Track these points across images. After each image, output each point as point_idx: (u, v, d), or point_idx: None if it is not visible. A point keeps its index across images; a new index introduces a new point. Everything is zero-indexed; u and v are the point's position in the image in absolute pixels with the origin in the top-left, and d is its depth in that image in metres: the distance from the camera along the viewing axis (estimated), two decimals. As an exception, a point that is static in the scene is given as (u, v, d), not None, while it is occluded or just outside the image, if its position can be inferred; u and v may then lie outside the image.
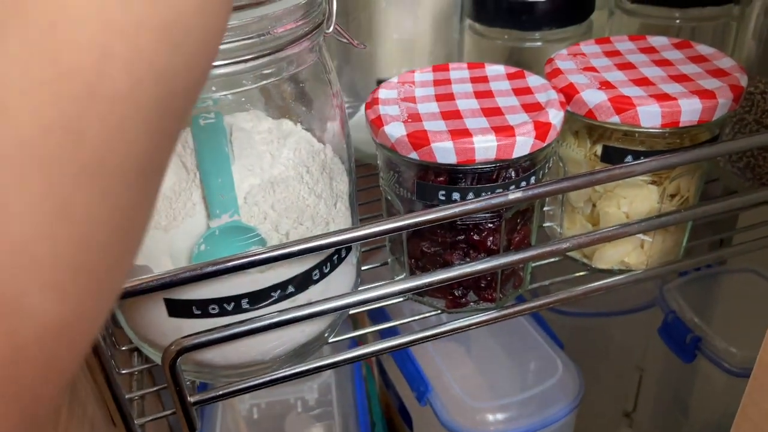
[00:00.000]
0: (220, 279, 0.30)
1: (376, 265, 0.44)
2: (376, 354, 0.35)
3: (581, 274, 0.41)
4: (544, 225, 0.44)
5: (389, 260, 0.42)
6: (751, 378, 0.30)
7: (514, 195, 0.31)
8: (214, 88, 0.29)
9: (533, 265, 0.41)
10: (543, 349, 0.57)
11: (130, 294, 0.27)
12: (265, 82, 0.30)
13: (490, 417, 0.52)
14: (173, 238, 0.33)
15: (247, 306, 0.31)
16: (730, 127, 0.44)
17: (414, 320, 0.40)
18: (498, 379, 0.55)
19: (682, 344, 0.57)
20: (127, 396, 0.34)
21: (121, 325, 0.35)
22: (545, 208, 0.44)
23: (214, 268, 0.28)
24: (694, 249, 0.42)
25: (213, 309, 0.30)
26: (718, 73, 0.36)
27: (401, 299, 0.40)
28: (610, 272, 0.40)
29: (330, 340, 0.37)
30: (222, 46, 0.26)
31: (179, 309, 0.30)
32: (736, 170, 0.45)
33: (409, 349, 0.58)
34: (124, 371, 0.36)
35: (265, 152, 0.36)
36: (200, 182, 0.34)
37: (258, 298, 0.31)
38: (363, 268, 0.42)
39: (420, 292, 0.39)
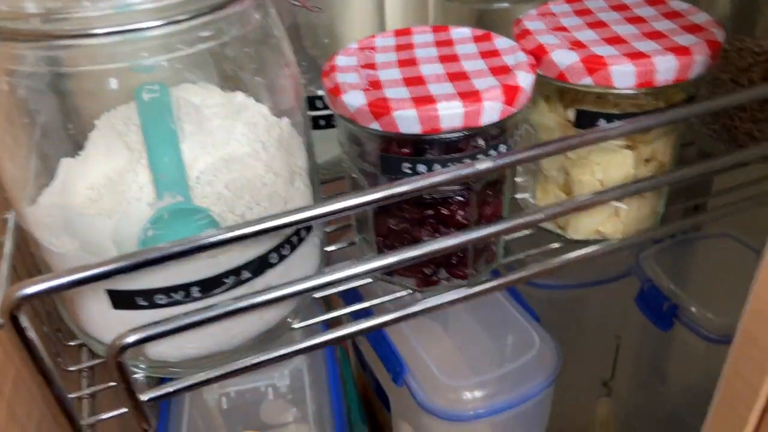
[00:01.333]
0: (167, 266, 0.27)
1: (343, 245, 0.41)
2: (346, 338, 0.33)
3: (556, 245, 0.39)
4: (517, 197, 0.42)
5: (356, 240, 0.40)
6: (732, 348, 0.29)
7: (483, 165, 0.29)
8: (145, 54, 0.26)
9: (506, 238, 0.39)
10: (519, 324, 0.56)
11: (66, 286, 0.25)
12: (203, 46, 0.27)
13: (468, 395, 0.51)
14: (118, 223, 0.30)
15: (199, 294, 0.28)
16: (705, 87, 0.43)
17: (386, 300, 0.38)
18: (474, 356, 0.54)
19: (659, 312, 0.56)
20: (75, 395, 0.32)
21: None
22: (517, 179, 0.42)
23: (160, 254, 0.26)
24: (670, 215, 0.41)
25: (160, 299, 0.28)
26: (694, 28, 0.34)
27: (369, 280, 0.38)
28: (585, 243, 0.38)
29: (295, 326, 0.35)
30: (152, 5, 0.24)
31: (124, 300, 0.28)
32: (712, 133, 0.43)
33: (384, 330, 0.56)
34: (72, 368, 0.33)
35: (217, 128, 0.34)
36: (147, 162, 0.31)
37: (210, 285, 0.28)
38: (330, 248, 0.39)
39: (389, 272, 0.37)
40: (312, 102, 0.42)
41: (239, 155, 0.33)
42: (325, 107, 0.43)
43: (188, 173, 0.31)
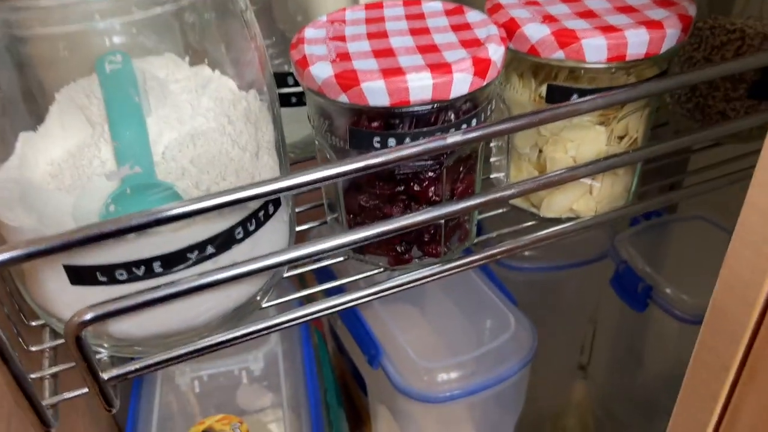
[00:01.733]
0: (127, 240, 0.27)
1: (314, 224, 0.41)
2: (318, 315, 0.33)
3: (529, 224, 0.39)
4: (491, 177, 0.42)
5: (328, 220, 0.40)
6: (704, 323, 0.29)
7: (453, 138, 0.29)
8: (98, 16, 0.25)
9: (479, 217, 0.39)
10: (495, 306, 0.56)
11: (21, 259, 0.24)
12: (159, 10, 0.26)
13: (443, 376, 0.50)
14: (78, 199, 0.29)
15: (161, 270, 0.27)
16: (679, 66, 0.43)
17: (360, 278, 0.37)
18: (450, 337, 0.54)
19: (634, 294, 0.56)
20: (36, 375, 0.31)
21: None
22: (491, 159, 0.42)
23: (116, 227, 0.25)
24: (644, 195, 0.41)
25: (121, 275, 0.27)
26: (666, 3, 0.34)
27: (341, 259, 0.38)
28: (558, 221, 0.38)
29: (264, 305, 0.34)
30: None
31: (82, 276, 0.27)
32: (686, 112, 0.43)
33: (359, 312, 0.56)
34: (34, 348, 0.32)
35: (183, 102, 0.33)
36: (109, 137, 0.30)
37: (172, 260, 0.28)
38: (300, 228, 0.39)
39: (361, 250, 0.36)
40: (283, 79, 0.42)
41: (205, 130, 0.32)
42: (296, 84, 0.42)
43: (153, 149, 0.30)
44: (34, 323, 0.34)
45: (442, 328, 0.55)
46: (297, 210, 0.40)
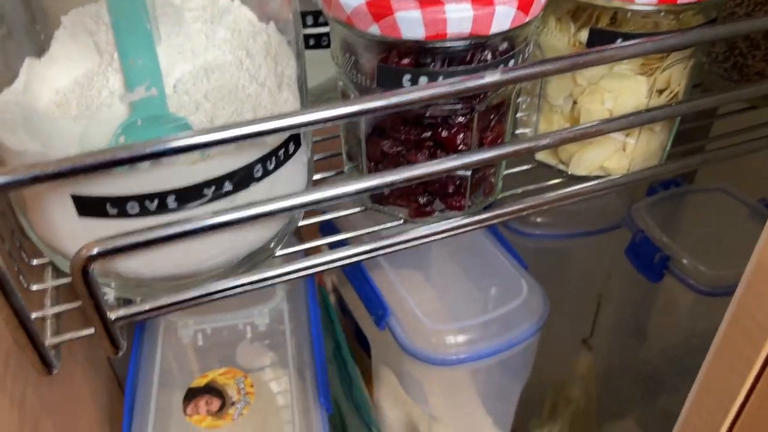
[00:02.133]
0: (139, 170, 0.25)
1: (331, 174, 0.39)
2: (329, 266, 0.31)
3: (556, 181, 0.37)
4: (517, 132, 0.40)
5: (346, 169, 0.38)
6: (742, 287, 0.28)
7: (491, 77, 0.27)
8: None
9: (504, 173, 0.37)
10: (507, 271, 0.54)
11: (24, 182, 0.22)
12: None
13: (452, 339, 0.49)
14: (86, 129, 0.27)
15: (175, 205, 0.26)
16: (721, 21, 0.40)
17: (379, 229, 0.35)
18: (460, 301, 0.52)
19: (650, 264, 0.55)
20: (37, 314, 0.29)
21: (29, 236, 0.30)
22: (518, 114, 0.40)
23: (130, 153, 0.23)
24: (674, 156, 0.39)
25: (132, 208, 0.25)
26: (720, -54, 0.31)
27: (357, 210, 0.36)
28: (586, 179, 0.36)
29: (278, 253, 0.32)
30: None
31: (90, 207, 0.25)
32: (722, 71, 0.41)
33: (367, 272, 0.54)
34: (35, 287, 0.30)
35: (197, 32, 0.31)
36: (118, 65, 0.28)
37: (188, 195, 0.26)
38: (317, 177, 0.37)
39: (380, 200, 0.35)
40: (301, 19, 0.39)
41: (221, 63, 0.30)
42: (315, 23, 0.40)
43: (164, 81, 0.28)
44: (35, 262, 0.32)
45: (452, 291, 0.53)
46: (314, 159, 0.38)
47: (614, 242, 0.61)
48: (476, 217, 0.33)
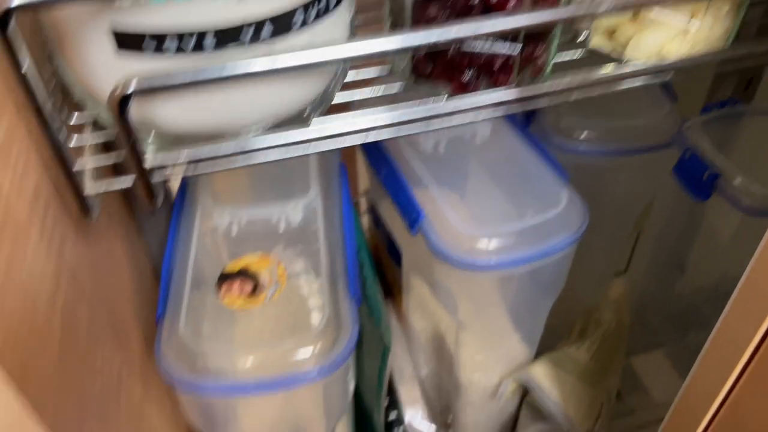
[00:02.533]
0: (179, 4, 0.24)
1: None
2: (368, 135, 0.30)
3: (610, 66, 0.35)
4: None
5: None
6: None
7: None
8: None
9: (554, 60, 0.35)
10: (547, 179, 0.53)
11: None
12: None
13: (486, 245, 0.48)
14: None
15: (213, 45, 0.25)
16: None
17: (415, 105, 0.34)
18: (496, 208, 0.51)
19: (699, 181, 0.53)
20: (76, 168, 0.29)
21: (67, 87, 0.29)
22: None
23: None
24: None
25: (170, 44, 0.24)
26: None
27: (396, 88, 0.35)
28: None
29: (312, 119, 0.32)
30: None
31: (128, 41, 0.24)
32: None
33: (402, 176, 0.53)
34: (73, 143, 0.30)
35: None
36: None
37: (226, 36, 0.25)
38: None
39: (422, 74, 0.33)
40: None
41: None
42: None
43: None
44: (73, 120, 0.32)
45: (489, 198, 0.52)
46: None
47: (661, 163, 0.58)
48: (521, 94, 0.32)
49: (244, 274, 0.44)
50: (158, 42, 0.24)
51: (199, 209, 0.48)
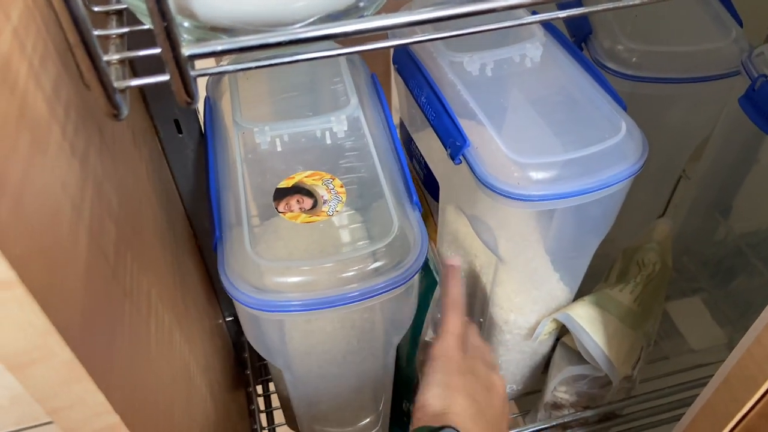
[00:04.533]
0: None
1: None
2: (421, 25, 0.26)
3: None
4: None
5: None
6: None
7: None
8: None
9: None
10: (603, 107, 0.48)
11: None
12: None
13: (537, 175, 0.45)
14: None
15: None
16: None
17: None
18: (548, 135, 0.47)
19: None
20: (105, 59, 0.26)
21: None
22: None
23: None
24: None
25: None
26: None
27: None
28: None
29: (369, 12, 0.28)
30: None
31: None
32: None
33: (446, 101, 0.49)
34: (99, 33, 0.27)
35: None
36: None
37: None
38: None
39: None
40: None
41: None
42: None
43: None
44: (97, 8, 0.28)
45: (540, 124, 0.48)
46: None
47: (724, 93, 0.54)
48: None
49: (299, 190, 0.41)
50: None
51: (235, 129, 0.45)
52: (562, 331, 0.61)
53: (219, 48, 0.23)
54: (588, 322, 0.55)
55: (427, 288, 0.49)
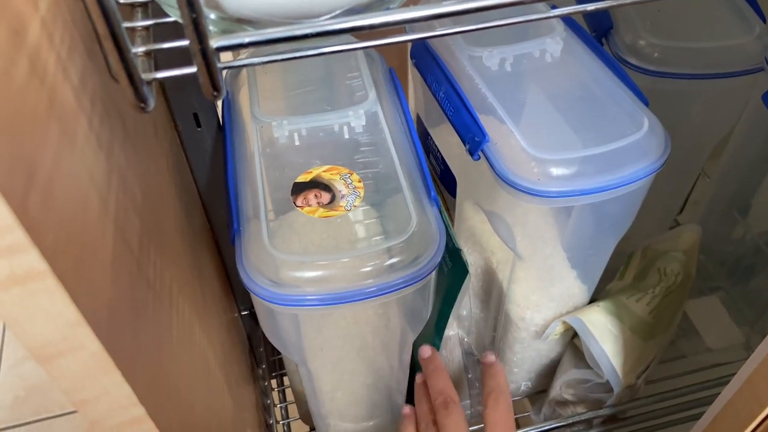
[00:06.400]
0: None
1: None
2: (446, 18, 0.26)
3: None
4: None
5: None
6: None
7: None
8: None
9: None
10: (625, 103, 0.48)
11: None
12: None
13: (557, 171, 0.44)
14: None
15: None
16: None
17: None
18: (569, 131, 0.47)
19: (793, 110, 0.48)
20: (133, 51, 0.26)
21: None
22: None
23: None
24: None
25: None
26: None
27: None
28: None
29: (393, 5, 0.27)
30: None
31: None
32: None
33: (465, 96, 0.49)
34: (126, 25, 0.27)
35: None
36: None
37: None
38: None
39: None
40: None
41: None
42: None
43: None
44: (122, 0, 0.28)
45: (560, 120, 0.48)
46: None
47: (747, 90, 0.53)
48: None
49: (317, 185, 0.41)
50: None
51: (253, 123, 0.45)
52: (575, 332, 0.60)
53: (246, 40, 0.23)
54: (598, 329, 0.54)
55: (457, 278, 0.48)
